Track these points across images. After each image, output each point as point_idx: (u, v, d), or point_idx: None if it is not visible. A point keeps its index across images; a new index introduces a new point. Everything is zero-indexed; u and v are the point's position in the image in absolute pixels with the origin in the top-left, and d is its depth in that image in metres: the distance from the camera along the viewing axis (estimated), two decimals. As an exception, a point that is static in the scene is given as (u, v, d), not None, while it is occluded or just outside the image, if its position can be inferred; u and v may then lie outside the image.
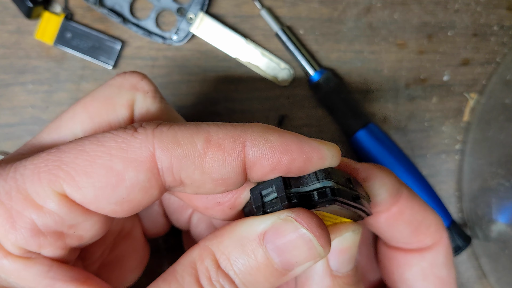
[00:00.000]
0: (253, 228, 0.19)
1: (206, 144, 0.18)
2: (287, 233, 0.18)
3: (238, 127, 0.19)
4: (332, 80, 0.36)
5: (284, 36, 0.36)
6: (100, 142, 0.18)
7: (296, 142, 0.19)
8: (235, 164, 0.19)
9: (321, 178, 0.19)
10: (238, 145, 0.18)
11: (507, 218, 0.37)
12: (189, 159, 0.18)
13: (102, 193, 0.18)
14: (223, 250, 0.19)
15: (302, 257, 0.19)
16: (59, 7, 0.35)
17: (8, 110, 0.35)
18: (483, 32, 0.40)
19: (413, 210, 0.24)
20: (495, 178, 0.37)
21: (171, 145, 0.18)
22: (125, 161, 0.18)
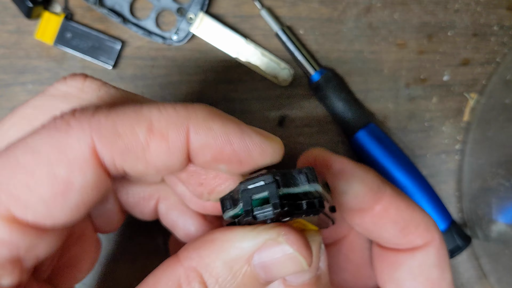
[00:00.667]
0: (242, 249, 0.18)
1: (149, 134, 0.17)
2: (276, 253, 0.18)
3: (181, 112, 0.18)
4: (332, 80, 0.36)
5: (284, 36, 0.36)
6: (34, 149, 0.17)
7: (238, 134, 0.18)
8: (179, 153, 0.18)
9: (311, 181, 0.18)
10: (181, 134, 0.18)
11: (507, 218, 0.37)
12: (132, 151, 0.17)
13: (53, 204, 0.17)
14: (211, 272, 0.18)
15: (287, 273, 0.19)
16: (59, 7, 0.35)
17: (8, 110, 0.35)
18: (483, 32, 0.40)
19: (399, 209, 0.23)
20: (495, 178, 0.37)
21: (110, 137, 0.17)
22: (67, 165, 0.17)
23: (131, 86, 0.36)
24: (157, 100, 0.36)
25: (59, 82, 0.21)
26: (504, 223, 0.37)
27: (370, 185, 0.22)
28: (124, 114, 0.17)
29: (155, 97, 0.36)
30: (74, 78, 0.21)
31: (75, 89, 0.20)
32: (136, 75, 0.36)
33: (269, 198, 0.18)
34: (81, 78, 0.21)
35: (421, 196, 0.36)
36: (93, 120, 0.17)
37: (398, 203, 0.23)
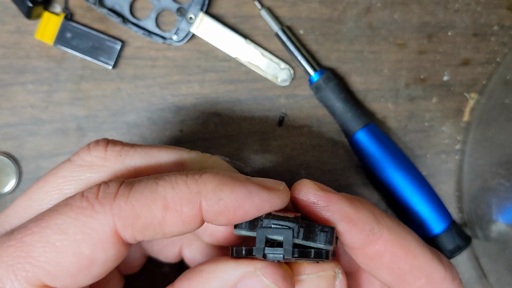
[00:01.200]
0: (225, 279, 0.20)
1: (165, 211, 0.20)
2: (255, 284, 0.20)
3: (193, 187, 0.20)
4: (332, 80, 0.36)
5: (284, 36, 0.36)
6: (62, 230, 0.19)
7: (247, 197, 0.20)
8: (194, 223, 0.20)
9: (327, 242, 0.20)
10: (194, 208, 0.20)
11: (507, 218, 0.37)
12: (150, 227, 0.20)
13: (78, 275, 0.19)
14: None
15: None
16: (59, 7, 0.35)
17: (7, 110, 0.35)
18: (483, 32, 0.40)
19: (395, 256, 0.21)
20: (495, 178, 0.37)
21: (130, 220, 0.19)
22: (91, 245, 0.19)
23: (131, 86, 0.36)
24: (157, 100, 0.36)
25: (83, 151, 0.23)
26: (504, 223, 0.37)
27: (360, 227, 0.21)
28: (141, 195, 0.20)
29: (155, 97, 0.36)
30: (97, 147, 0.23)
31: (98, 159, 0.23)
32: (136, 75, 0.36)
33: (283, 242, 0.20)
34: (103, 147, 0.23)
35: (421, 196, 0.36)
36: (115, 206, 0.19)
37: (395, 248, 0.21)
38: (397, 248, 0.21)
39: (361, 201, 0.22)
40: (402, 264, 0.21)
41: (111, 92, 0.36)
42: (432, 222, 0.37)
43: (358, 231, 0.21)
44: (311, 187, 0.21)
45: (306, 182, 0.22)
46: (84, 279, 0.20)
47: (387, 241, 0.21)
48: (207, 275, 0.20)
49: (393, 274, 0.22)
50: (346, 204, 0.21)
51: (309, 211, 0.21)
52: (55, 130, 0.35)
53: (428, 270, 0.21)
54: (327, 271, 0.21)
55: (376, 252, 0.21)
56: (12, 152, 0.35)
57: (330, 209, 0.21)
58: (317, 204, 0.21)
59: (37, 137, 0.35)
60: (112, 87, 0.36)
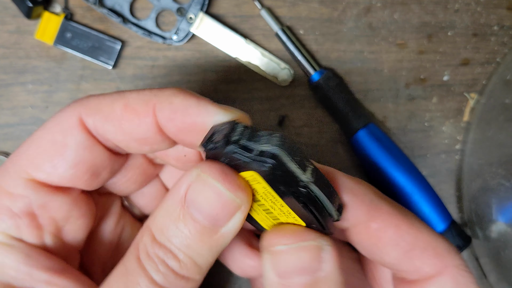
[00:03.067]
0: (175, 195, 0.19)
1: (124, 109, 0.21)
2: (202, 188, 0.19)
3: (153, 91, 0.21)
4: (332, 80, 0.36)
5: (284, 36, 0.36)
6: (44, 126, 0.22)
7: (195, 106, 0.20)
8: (148, 124, 0.21)
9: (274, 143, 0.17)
10: (149, 108, 0.21)
11: (507, 218, 0.37)
12: (109, 121, 0.21)
13: (56, 161, 0.21)
14: (157, 225, 0.19)
15: (220, 209, 0.19)
16: (59, 7, 0.35)
17: (8, 110, 0.35)
18: (483, 32, 0.40)
19: (400, 230, 0.21)
20: (495, 178, 0.37)
21: (94, 110, 0.21)
22: (62, 131, 0.21)
23: (131, 86, 0.36)
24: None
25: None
26: (504, 223, 0.37)
27: (361, 198, 0.21)
28: (110, 96, 0.22)
29: (155, 97, 0.36)
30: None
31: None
32: (136, 75, 0.36)
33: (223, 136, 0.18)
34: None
35: (421, 196, 0.36)
36: (84, 100, 0.22)
37: (398, 222, 0.21)
38: (400, 221, 0.21)
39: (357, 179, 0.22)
40: (407, 238, 0.21)
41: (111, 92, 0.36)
42: (432, 222, 0.36)
43: (360, 202, 0.21)
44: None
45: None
46: (62, 167, 0.21)
47: (388, 214, 0.21)
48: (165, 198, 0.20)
49: (399, 249, 0.21)
50: (346, 177, 0.21)
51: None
52: (55, 130, 0.35)
53: (434, 243, 0.21)
54: (309, 242, 0.19)
55: (379, 226, 0.21)
56: (12, 152, 0.35)
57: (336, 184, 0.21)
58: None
59: (37, 137, 0.35)
60: (112, 87, 0.36)
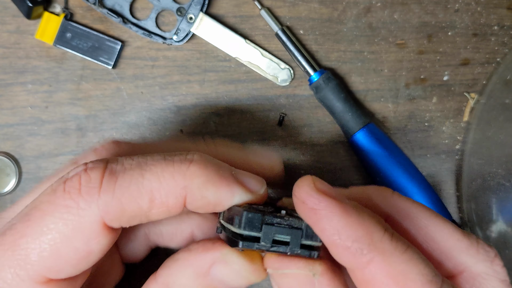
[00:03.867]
0: (199, 266, 0.22)
1: (151, 204, 0.20)
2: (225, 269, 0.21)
3: (179, 181, 0.20)
4: (332, 80, 0.36)
5: (284, 36, 0.36)
6: (52, 230, 0.20)
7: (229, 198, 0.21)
8: (177, 211, 0.21)
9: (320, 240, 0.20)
10: (179, 201, 0.20)
11: (507, 218, 0.37)
12: (136, 218, 0.21)
13: (78, 266, 0.20)
14: (178, 287, 0.22)
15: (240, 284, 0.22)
16: (59, 7, 0.35)
17: (8, 110, 0.35)
18: (483, 32, 0.40)
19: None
20: (495, 178, 0.37)
21: (118, 214, 0.20)
22: (84, 239, 0.20)
23: (131, 86, 0.36)
24: (157, 100, 0.36)
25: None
26: (504, 223, 0.37)
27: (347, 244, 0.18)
28: (127, 189, 0.20)
29: (155, 97, 0.36)
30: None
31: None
32: (136, 75, 0.36)
33: (290, 242, 0.20)
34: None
35: (421, 196, 0.36)
36: (101, 202, 0.20)
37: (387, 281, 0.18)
38: (389, 281, 0.18)
39: (360, 215, 0.19)
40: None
41: (111, 92, 0.36)
42: (432, 222, 0.36)
43: (344, 248, 0.18)
44: (307, 185, 0.19)
45: (306, 178, 0.20)
46: (86, 266, 0.21)
47: (377, 269, 0.18)
48: (183, 263, 0.22)
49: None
50: (337, 213, 0.18)
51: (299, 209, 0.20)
52: (55, 130, 0.35)
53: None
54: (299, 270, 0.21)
55: (363, 278, 0.19)
56: (12, 152, 0.35)
57: (318, 214, 0.19)
58: (306, 204, 0.19)
59: (37, 137, 0.35)
60: (112, 87, 0.36)
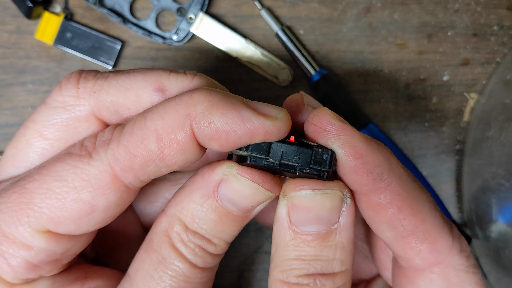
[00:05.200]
0: (205, 187, 0.20)
1: (159, 143, 0.19)
2: (234, 184, 0.20)
3: (181, 111, 0.19)
4: (332, 80, 0.36)
5: (284, 36, 0.36)
6: (61, 177, 0.20)
7: (239, 121, 0.19)
8: (192, 148, 0.19)
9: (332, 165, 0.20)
10: (187, 133, 0.19)
11: (507, 218, 0.37)
12: (150, 164, 0.19)
13: (81, 221, 0.20)
14: (187, 214, 0.20)
15: (252, 202, 0.20)
16: (59, 7, 0.35)
17: (8, 110, 0.35)
18: (483, 32, 0.40)
19: (400, 213, 0.19)
20: (495, 178, 0.37)
21: (127, 161, 0.19)
22: (91, 191, 0.19)
23: (131, 86, 0.36)
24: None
25: (55, 92, 0.22)
26: (504, 223, 0.37)
27: (369, 167, 0.19)
28: (132, 134, 0.19)
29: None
30: (67, 85, 0.22)
31: (71, 98, 0.22)
32: (136, 75, 0.36)
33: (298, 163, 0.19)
34: (75, 85, 0.22)
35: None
36: (108, 151, 0.19)
37: (402, 204, 0.19)
38: (404, 205, 0.19)
39: (379, 144, 0.20)
40: (406, 223, 0.19)
41: (111, 92, 0.36)
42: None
43: (365, 172, 0.19)
44: (328, 114, 0.20)
45: (324, 109, 0.20)
46: (87, 225, 0.20)
47: (394, 193, 0.19)
48: (189, 188, 0.21)
49: (394, 232, 0.20)
50: (359, 139, 0.19)
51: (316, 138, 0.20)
52: (55, 130, 0.35)
53: (434, 237, 0.19)
54: (334, 190, 0.20)
55: (379, 202, 0.19)
56: (12, 152, 0.35)
57: (341, 139, 0.19)
58: (329, 131, 0.19)
59: (37, 137, 0.35)
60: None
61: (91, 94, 0.22)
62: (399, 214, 0.19)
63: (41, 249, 0.20)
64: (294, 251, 0.20)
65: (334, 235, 0.20)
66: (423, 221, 0.19)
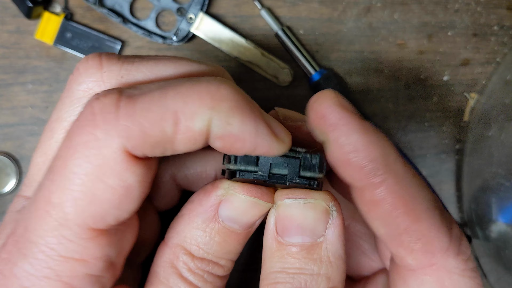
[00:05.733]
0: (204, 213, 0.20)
1: (175, 127, 0.18)
2: (234, 203, 0.20)
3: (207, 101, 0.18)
4: (332, 80, 0.36)
5: (284, 36, 0.36)
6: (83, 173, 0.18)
7: (253, 133, 0.18)
8: (201, 141, 0.19)
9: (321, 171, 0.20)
10: (205, 126, 0.18)
11: (507, 218, 0.37)
12: (160, 147, 0.18)
13: (122, 204, 0.18)
14: (191, 242, 0.20)
15: (253, 216, 0.20)
16: (59, 7, 0.35)
17: (8, 110, 0.35)
18: (483, 32, 0.40)
19: (394, 210, 0.18)
20: (495, 178, 0.37)
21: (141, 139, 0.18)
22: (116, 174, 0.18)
23: (131, 86, 0.36)
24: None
25: (75, 80, 0.20)
26: (504, 223, 0.37)
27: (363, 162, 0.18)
28: (149, 111, 0.17)
29: (155, 97, 0.36)
30: (89, 70, 0.20)
31: (95, 84, 0.20)
32: (136, 75, 0.36)
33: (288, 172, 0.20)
34: (98, 69, 0.20)
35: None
36: (121, 128, 0.17)
37: (396, 203, 0.18)
38: (399, 202, 0.18)
39: (378, 136, 0.19)
40: (399, 222, 0.18)
41: (111, 92, 0.36)
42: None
43: (359, 167, 0.18)
44: (330, 99, 0.19)
45: (327, 92, 0.19)
46: (132, 204, 0.19)
47: (389, 190, 0.18)
48: (188, 217, 0.20)
49: (388, 229, 0.19)
50: (356, 131, 0.18)
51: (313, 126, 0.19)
52: (55, 130, 0.35)
53: (428, 237, 0.19)
54: (317, 200, 0.20)
55: (373, 198, 0.18)
56: (12, 152, 0.35)
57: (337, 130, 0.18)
58: (326, 119, 0.18)
59: (37, 137, 0.35)
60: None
61: (118, 80, 0.20)
62: (392, 212, 0.18)
63: (99, 257, 0.19)
64: (279, 262, 0.20)
65: (320, 249, 0.19)
66: (417, 220, 0.18)
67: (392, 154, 0.19)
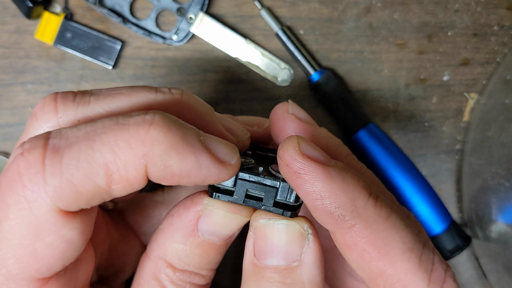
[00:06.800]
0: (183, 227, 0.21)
1: (108, 180, 0.17)
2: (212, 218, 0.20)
3: (138, 150, 0.17)
4: (332, 80, 0.36)
5: (284, 36, 0.36)
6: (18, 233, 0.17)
7: (195, 168, 0.18)
8: (141, 184, 0.18)
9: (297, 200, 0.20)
10: (140, 172, 0.17)
11: (507, 218, 0.37)
12: (96, 198, 0.18)
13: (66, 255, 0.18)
14: (172, 255, 0.21)
15: (232, 228, 0.21)
16: (59, 7, 0.35)
17: (8, 110, 0.35)
18: (483, 32, 0.40)
19: (367, 256, 0.18)
20: (495, 178, 0.37)
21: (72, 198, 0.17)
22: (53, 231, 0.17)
23: (131, 86, 0.36)
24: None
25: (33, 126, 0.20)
26: (504, 223, 0.37)
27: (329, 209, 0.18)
28: (77, 167, 0.17)
29: (155, 97, 0.36)
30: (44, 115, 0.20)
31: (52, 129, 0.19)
32: (136, 75, 0.36)
33: (264, 199, 0.20)
34: (53, 114, 0.20)
35: (421, 196, 0.36)
36: (49, 188, 0.17)
37: (367, 248, 0.18)
38: (370, 247, 0.18)
39: (345, 181, 0.18)
40: (372, 266, 0.18)
41: (111, 92, 0.36)
42: (432, 222, 0.37)
43: (326, 213, 0.18)
44: (292, 148, 0.18)
45: (290, 140, 0.19)
46: (77, 252, 0.18)
47: (359, 235, 0.18)
48: (168, 231, 0.21)
49: (362, 272, 0.19)
50: (320, 178, 0.18)
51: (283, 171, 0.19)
52: (55, 130, 0.35)
53: (404, 281, 0.18)
54: (290, 221, 0.20)
55: (344, 242, 0.18)
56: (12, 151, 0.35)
57: (300, 179, 0.18)
58: (290, 167, 0.18)
59: (37, 137, 0.35)
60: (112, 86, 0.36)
61: (75, 123, 0.19)
62: (365, 256, 0.18)
63: None
64: (254, 286, 0.20)
65: (294, 273, 0.19)
66: (392, 264, 0.18)
67: (361, 198, 0.18)
